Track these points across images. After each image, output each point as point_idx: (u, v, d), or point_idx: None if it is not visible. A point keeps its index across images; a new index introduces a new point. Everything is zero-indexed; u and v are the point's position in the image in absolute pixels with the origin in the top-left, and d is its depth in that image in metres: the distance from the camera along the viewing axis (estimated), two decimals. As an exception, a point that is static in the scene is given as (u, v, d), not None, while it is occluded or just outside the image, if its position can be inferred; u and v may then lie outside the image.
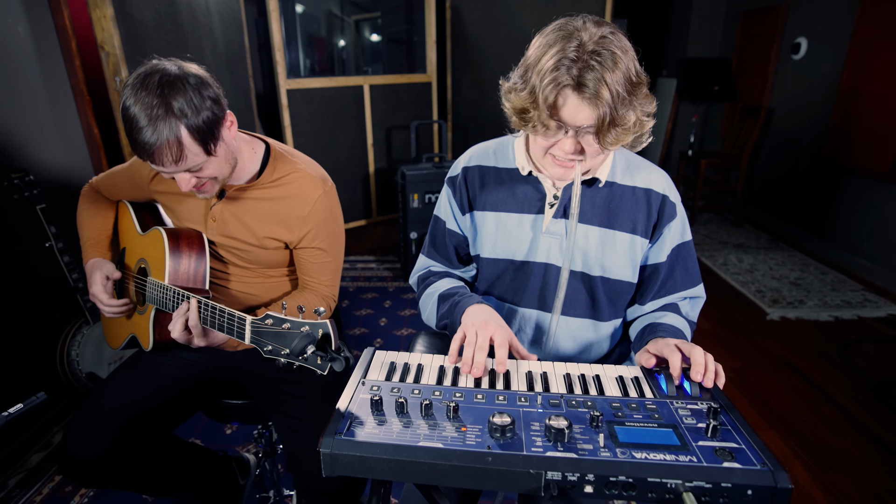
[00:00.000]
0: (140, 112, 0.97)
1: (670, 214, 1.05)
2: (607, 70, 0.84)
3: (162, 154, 1.00)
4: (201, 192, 1.14)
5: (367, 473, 0.71)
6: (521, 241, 1.10)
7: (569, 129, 0.90)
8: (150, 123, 0.97)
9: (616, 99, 0.85)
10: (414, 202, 3.30)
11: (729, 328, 2.93)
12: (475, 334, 0.93)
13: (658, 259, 1.08)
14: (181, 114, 0.98)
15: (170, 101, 0.98)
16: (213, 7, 3.18)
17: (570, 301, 1.10)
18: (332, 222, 1.27)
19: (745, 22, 4.89)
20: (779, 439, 2.04)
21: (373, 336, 2.83)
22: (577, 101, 0.87)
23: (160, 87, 0.98)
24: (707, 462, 0.68)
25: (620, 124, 0.87)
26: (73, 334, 2.13)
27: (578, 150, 0.92)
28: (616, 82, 0.85)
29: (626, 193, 1.06)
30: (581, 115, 0.87)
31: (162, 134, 0.97)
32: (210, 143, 1.04)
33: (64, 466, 1.15)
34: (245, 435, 2.05)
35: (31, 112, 2.13)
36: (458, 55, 4.49)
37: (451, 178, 1.17)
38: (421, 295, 1.21)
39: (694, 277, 1.10)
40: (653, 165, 1.10)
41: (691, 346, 0.90)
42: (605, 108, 0.85)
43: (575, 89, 0.86)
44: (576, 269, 1.08)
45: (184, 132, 0.99)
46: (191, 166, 1.04)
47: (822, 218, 3.99)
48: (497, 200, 1.12)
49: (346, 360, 0.89)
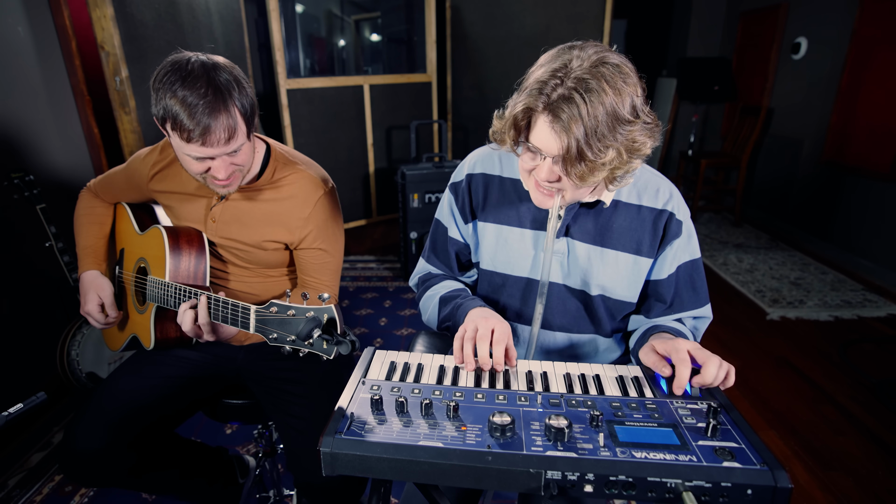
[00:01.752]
0: (192, 94, 0.97)
1: (675, 233, 1.01)
2: (586, 102, 0.78)
3: (219, 133, 1.00)
4: (227, 185, 1.13)
5: (368, 473, 0.71)
6: (522, 257, 1.07)
7: (544, 155, 0.85)
8: (204, 104, 0.97)
9: (590, 133, 0.78)
10: (414, 202, 3.30)
11: (729, 328, 2.93)
12: (475, 329, 0.93)
13: (659, 276, 1.04)
14: (231, 94, 1.00)
15: (218, 82, 0.99)
16: (213, 7, 3.18)
17: (572, 317, 1.08)
18: (333, 223, 1.28)
19: (745, 22, 4.89)
20: (779, 439, 2.04)
21: (373, 336, 2.83)
22: (546, 127, 0.82)
23: (204, 70, 1.00)
24: (707, 461, 0.68)
25: (589, 159, 0.80)
26: (73, 334, 2.13)
27: (555, 178, 0.87)
28: (593, 116, 0.78)
29: (632, 213, 1.01)
30: (549, 144, 0.83)
31: (219, 113, 0.99)
32: (251, 126, 1.07)
33: (65, 466, 1.15)
34: (245, 435, 2.05)
35: (31, 112, 2.13)
36: (458, 55, 4.49)
37: (455, 184, 1.13)
38: (421, 297, 1.21)
39: (702, 297, 1.06)
40: (661, 179, 1.04)
41: (707, 356, 0.83)
42: (573, 141, 0.79)
43: (546, 115, 0.81)
44: (575, 287, 1.06)
45: (235, 110, 1.02)
46: (237, 147, 1.05)
47: (822, 218, 3.99)
48: (500, 212, 1.08)
49: (352, 343, 0.89)
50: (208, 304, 1.09)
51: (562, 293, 1.07)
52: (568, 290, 1.07)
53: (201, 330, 1.11)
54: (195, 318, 1.10)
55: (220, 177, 1.08)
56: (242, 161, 1.10)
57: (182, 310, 1.10)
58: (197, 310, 1.10)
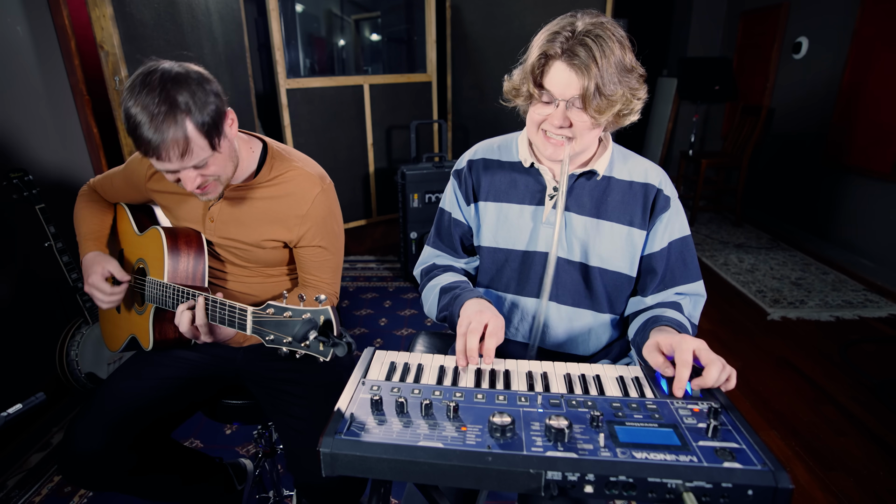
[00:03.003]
0: (142, 110, 0.96)
1: (663, 206, 1.07)
2: (597, 48, 0.88)
3: (168, 149, 0.98)
4: (204, 194, 1.13)
5: (368, 473, 0.71)
6: (522, 232, 1.13)
7: (558, 101, 0.93)
8: (153, 120, 0.96)
9: (603, 72, 0.89)
10: (414, 202, 3.30)
11: (730, 328, 2.92)
12: (468, 323, 0.94)
13: (653, 249, 1.08)
14: (186, 108, 0.98)
15: (173, 95, 0.97)
16: (212, 6, 3.17)
17: (569, 291, 1.12)
18: (332, 220, 1.27)
19: (745, 21, 4.88)
20: (779, 439, 2.04)
21: (373, 336, 2.83)
22: (566, 70, 0.91)
23: (162, 84, 0.97)
24: (707, 462, 0.68)
25: (607, 94, 0.90)
26: (73, 334, 2.13)
27: (567, 124, 0.95)
28: (605, 57, 0.89)
29: (623, 187, 1.08)
30: (568, 85, 0.91)
31: (168, 130, 0.96)
32: (215, 138, 1.04)
33: (64, 467, 1.14)
34: (245, 435, 2.05)
35: (30, 111, 2.12)
36: (458, 55, 4.49)
37: (457, 171, 1.22)
38: (424, 287, 1.23)
39: (693, 272, 1.10)
40: (650, 162, 1.12)
41: (711, 358, 0.83)
42: (592, 81, 0.89)
43: (564, 59, 0.90)
44: (573, 259, 1.10)
45: (189, 126, 0.99)
46: (196, 162, 1.03)
47: (823, 218, 3.98)
48: (499, 191, 1.15)
49: (348, 344, 0.89)
50: (206, 306, 1.09)
51: (562, 266, 1.11)
52: (568, 264, 1.10)
53: (199, 331, 1.11)
54: (192, 320, 1.10)
55: (188, 188, 1.07)
56: (215, 171, 1.08)
57: (180, 311, 1.10)
58: (194, 311, 1.09)
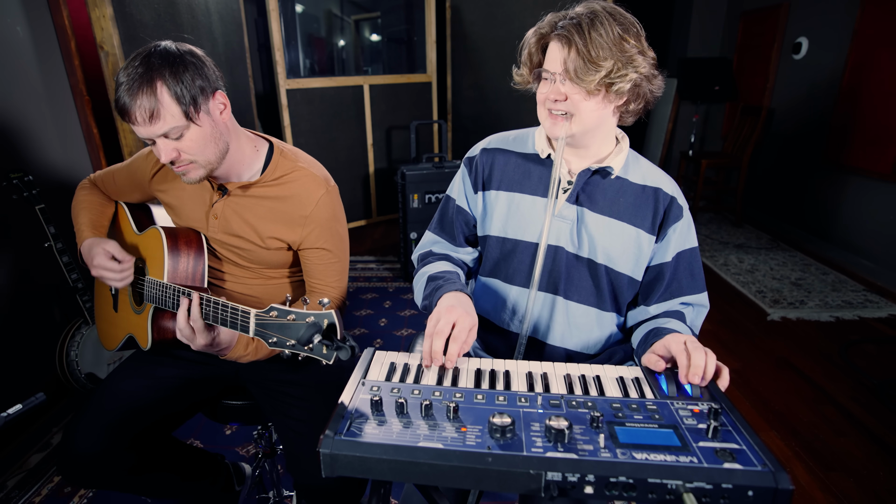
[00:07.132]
0: (124, 74, 1.01)
1: (676, 215, 1.07)
2: (587, 22, 0.92)
3: (137, 110, 1.00)
4: (185, 176, 1.12)
5: (367, 474, 0.71)
6: (533, 223, 1.12)
7: (553, 76, 0.98)
8: (130, 83, 1.00)
9: (588, 41, 0.91)
10: (414, 202, 3.30)
11: (730, 329, 2.92)
12: (436, 322, 0.93)
13: (663, 259, 1.08)
14: (161, 74, 1.01)
15: (154, 62, 1.01)
16: (212, 7, 3.17)
17: (576, 287, 1.11)
18: (335, 222, 1.27)
19: (745, 22, 4.88)
20: (780, 440, 2.04)
21: (373, 336, 2.83)
22: (557, 46, 0.96)
23: (149, 55, 1.02)
24: (708, 463, 0.68)
25: (588, 59, 0.92)
26: (73, 335, 2.13)
27: (563, 98, 0.98)
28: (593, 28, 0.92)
29: (636, 190, 1.08)
30: (558, 58, 0.96)
31: (140, 90, 1.00)
32: (191, 108, 1.04)
33: (63, 467, 1.14)
34: (245, 435, 2.04)
35: (30, 112, 2.12)
36: (458, 55, 4.49)
37: (469, 158, 1.22)
38: (416, 273, 1.23)
39: (699, 284, 1.10)
40: (665, 175, 1.13)
41: (695, 347, 0.87)
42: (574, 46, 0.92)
43: (553, 36, 0.96)
44: (582, 255, 1.10)
45: (162, 90, 1.01)
46: (167, 129, 1.03)
47: (823, 218, 3.98)
48: (512, 181, 1.15)
49: (351, 348, 0.89)
50: (207, 306, 1.08)
51: (570, 260, 1.10)
52: (576, 259, 1.10)
53: (194, 332, 1.08)
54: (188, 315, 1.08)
55: (162, 159, 1.08)
56: (191, 149, 1.08)
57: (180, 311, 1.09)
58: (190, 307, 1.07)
